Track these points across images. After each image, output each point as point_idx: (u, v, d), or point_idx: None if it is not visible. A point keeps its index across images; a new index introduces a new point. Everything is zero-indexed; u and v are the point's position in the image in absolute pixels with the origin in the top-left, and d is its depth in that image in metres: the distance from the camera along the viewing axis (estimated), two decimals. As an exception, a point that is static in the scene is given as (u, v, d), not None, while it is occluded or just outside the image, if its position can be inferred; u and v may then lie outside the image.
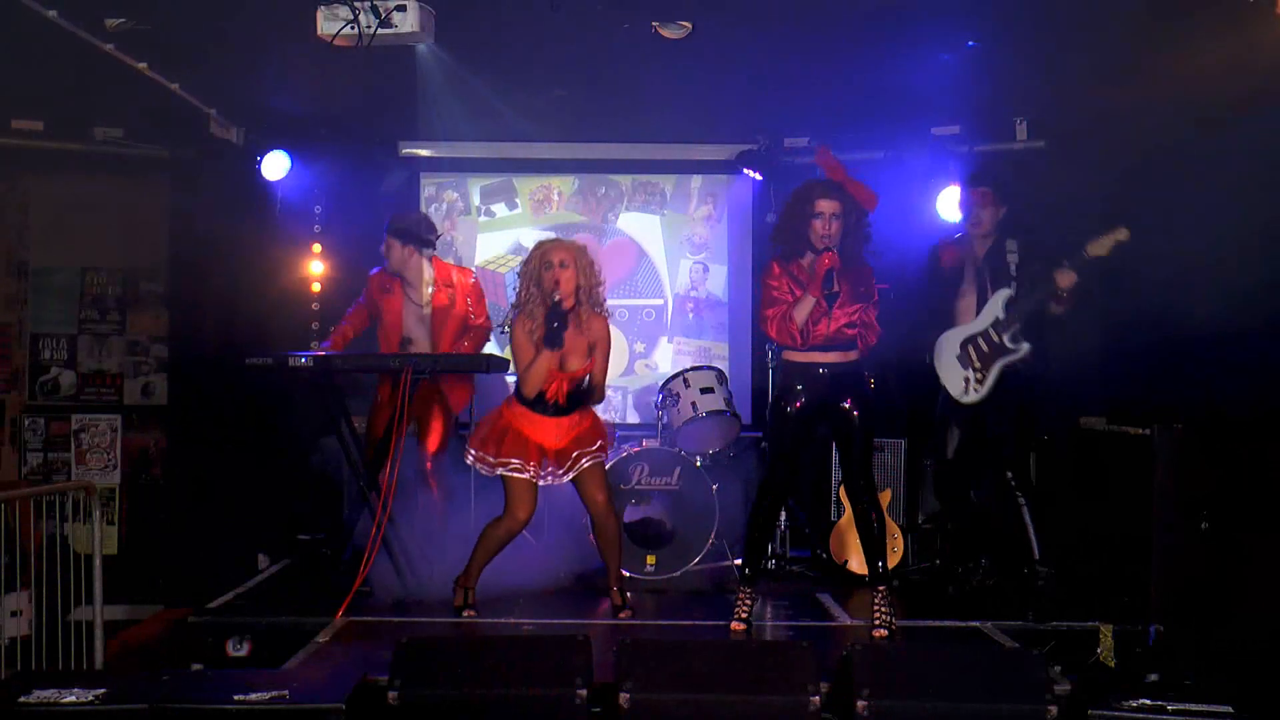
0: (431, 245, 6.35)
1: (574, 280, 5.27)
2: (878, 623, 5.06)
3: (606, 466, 5.66)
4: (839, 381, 5.17)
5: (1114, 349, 6.26)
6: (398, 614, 5.41)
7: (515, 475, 5.31)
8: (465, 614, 5.39)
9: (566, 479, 5.38)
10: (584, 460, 5.34)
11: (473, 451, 5.39)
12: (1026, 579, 5.37)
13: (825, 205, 5.10)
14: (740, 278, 7.89)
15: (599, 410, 5.59)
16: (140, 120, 6.96)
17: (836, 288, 5.02)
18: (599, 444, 5.42)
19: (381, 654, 4.19)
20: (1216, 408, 5.28)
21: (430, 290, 6.27)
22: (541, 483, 5.37)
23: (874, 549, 5.20)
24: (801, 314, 5.09)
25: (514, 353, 5.37)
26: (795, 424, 5.20)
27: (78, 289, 7.93)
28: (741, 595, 5.27)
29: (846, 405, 5.18)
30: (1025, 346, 5.56)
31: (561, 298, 5.23)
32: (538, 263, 5.28)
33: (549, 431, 5.36)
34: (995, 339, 5.62)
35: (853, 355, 5.20)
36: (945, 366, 5.81)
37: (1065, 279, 5.37)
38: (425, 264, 6.29)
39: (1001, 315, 5.60)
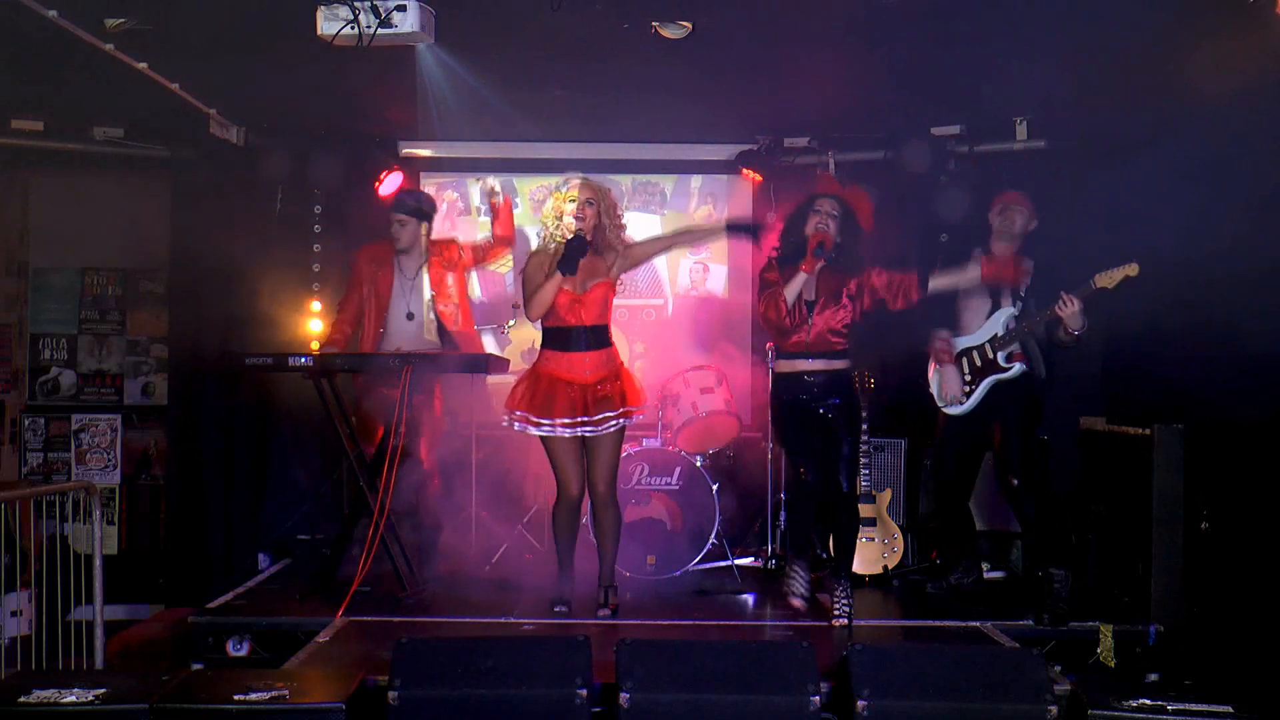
0: (431, 218, 6.56)
1: (596, 218, 5.37)
2: (836, 612, 5.27)
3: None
4: (823, 389, 5.38)
5: (1114, 349, 6.27)
6: (398, 614, 5.40)
7: (550, 437, 5.34)
8: (556, 609, 5.40)
9: (596, 430, 5.34)
10: (610, 425, 5.35)
11: (509, 413, 5.43)
12: (1043, 582, 5.37)
13: (823, 204, 5.44)
14: (740, 278, 7.88)
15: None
16: (140, 120, 6.95)
17: (826, 253, 5.28)
18: (628, 410, 5.40)
19: (381, 654, 4.20)
20: (1217, 408, 5.28)
21: (424, 259, 6.40)
22: (579, 432, 5.35)
23: (842, 547, 5.50)
24: (792, 290, 5.32)
25: (524, 283, 5.45)
26: (795, 429, 5.42)
27: (78, 289, 7.93)
28: (793, 570, 5.46)
29: (827, 413, 5.37)
30: (1017, 368, 5.57)
31: (584, 231, 5.31)
32: (563, 200, 5.37)
33: (578, 367, 5.38)
34: (990, 355, 5.63)
35: (839, 364, 5.42)
36: (938, 372, 5.81)
37: (1066, 308, 5.37)
38: (423, 237, 6.44)
39: (1001, 332, 5.61)
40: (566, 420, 5.33)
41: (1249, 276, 4.92)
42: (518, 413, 5.40)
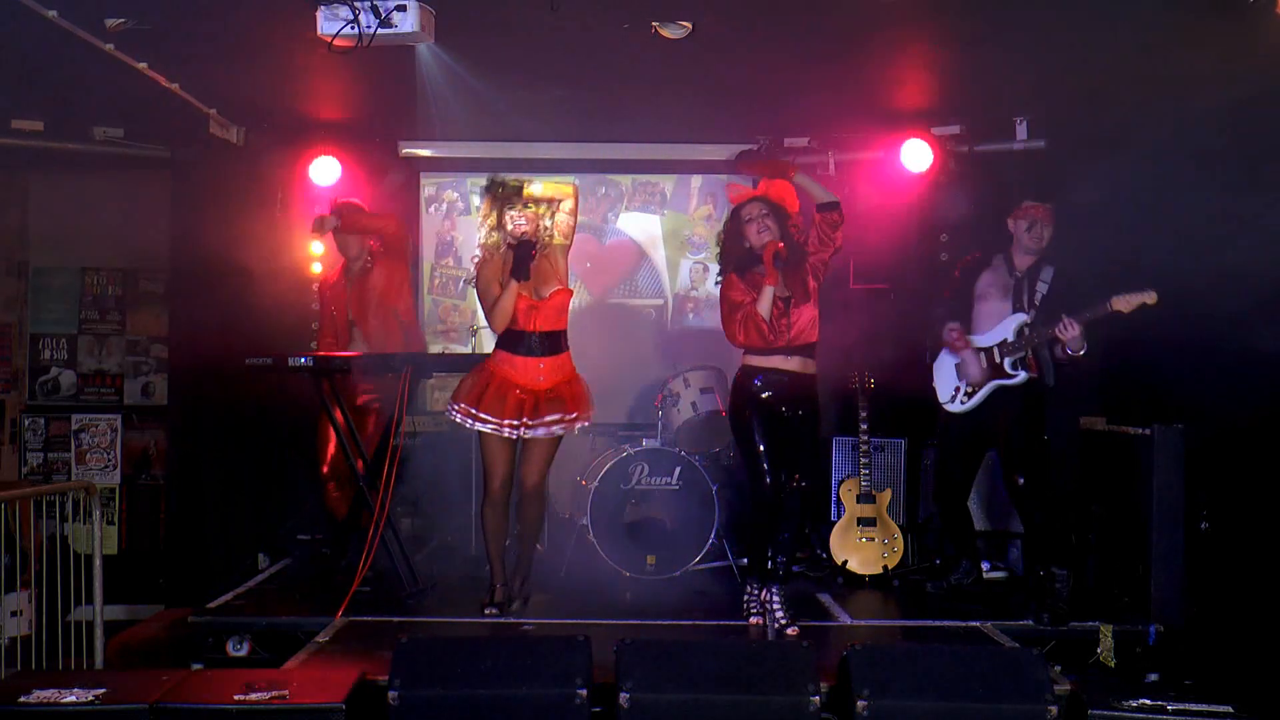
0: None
1: (536, 221, 5.30)
2: (783, 621, 5.16)
3: (606, 468, 5.58)
4: (790, 391, 5.26)
5: (1114, 349, 6.27)
6: (398, 614, 5.40)
7: (489, 433, 5.29)
8: (487, 611, 5.35)
9: (533, 433, 5.31)
10: (555, 427, 5.32)
11: (454, 406, 5.36)
12: (1043, 580, 5.36)
13: (750, 209, 5.29)
14: (740, 278, 7.88)
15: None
16: (140, 120, 6.95)
17: (785, 261, 5.13)
18: (575, 415, 5.37)
19: (381, 654, 4.20)
20: (1216, 407, 5.28)
21: (359, 263, 6.50)
22: (519, 433, 5.31)
23: (785, 549, 5.30)
24: (765, 306, 5.18)
25: (480, 295, 5.40)
26: (763, 428, 5.26)
27: (78, 289, 7.94)
28: (750, 592, 5.36)
29: (791, 417, 5.26)
30: (1022, 375, 5.56)
31: (528, 234, 5.25)
32: (502, 206, 5.29)
33: (532, 372, 5.34)
34: (996, 359, 5.62)
35: (811, 367, 5.32)
36: (941, 371, 5.81)
37: (1066, 332, 5.37)
38: (363, 246, 6.53)
39: (1010, 339, 5.60)
40: (512, 422, 5.28)
41: (1249, 275, 4.92)
42: (460, 405, 5.34)
